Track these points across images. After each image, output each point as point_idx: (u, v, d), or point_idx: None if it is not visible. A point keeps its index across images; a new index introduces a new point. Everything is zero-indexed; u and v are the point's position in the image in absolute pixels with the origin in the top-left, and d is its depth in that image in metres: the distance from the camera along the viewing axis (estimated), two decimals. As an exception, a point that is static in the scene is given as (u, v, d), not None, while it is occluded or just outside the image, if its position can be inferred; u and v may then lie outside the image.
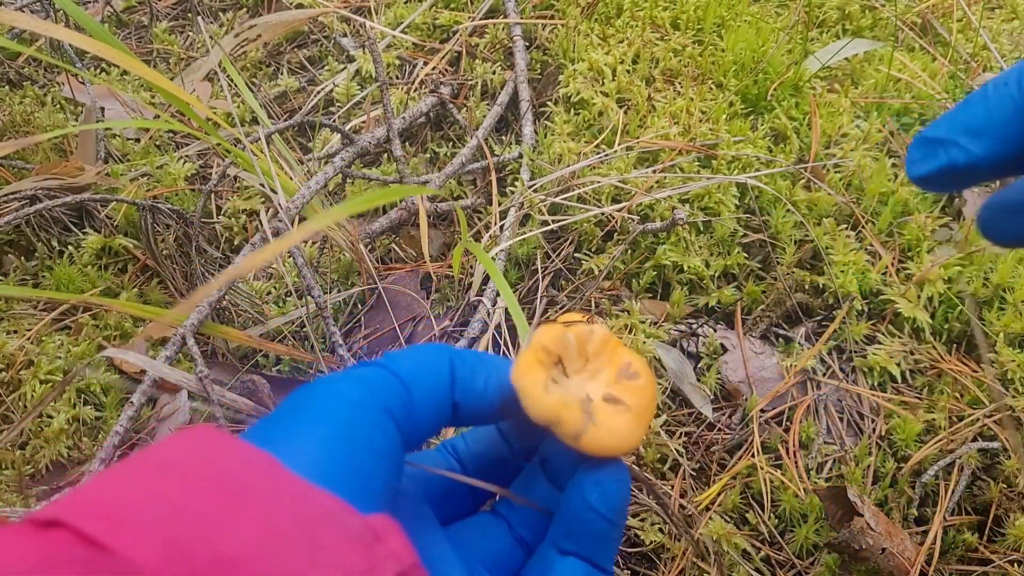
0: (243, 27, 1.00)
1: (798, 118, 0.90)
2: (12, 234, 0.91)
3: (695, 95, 0.91)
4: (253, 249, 0.80)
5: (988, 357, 0.76)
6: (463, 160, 0.90)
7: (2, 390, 0.79)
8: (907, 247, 0.83)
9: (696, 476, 0.74)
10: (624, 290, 0.84)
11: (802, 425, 0.75)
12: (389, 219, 0.86)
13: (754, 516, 0.71)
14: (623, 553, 0.70)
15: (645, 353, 0.77)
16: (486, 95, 1.01)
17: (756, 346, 0.80)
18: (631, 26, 0.99)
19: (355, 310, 0.86)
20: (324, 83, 1.06)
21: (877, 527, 0.63)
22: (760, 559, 0.69)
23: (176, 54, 1.14)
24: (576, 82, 0.93)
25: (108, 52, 0.58)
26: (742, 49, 0.94)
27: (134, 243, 0.91)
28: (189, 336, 0.73)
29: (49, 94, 1.09)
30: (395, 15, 1.08)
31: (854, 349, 0.79)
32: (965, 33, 1.01)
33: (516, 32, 0.99)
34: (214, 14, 1.20)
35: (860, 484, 0.71)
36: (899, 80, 0.92)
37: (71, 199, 0.87)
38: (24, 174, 0.94)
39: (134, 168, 0.98)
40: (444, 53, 1.04)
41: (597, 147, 0.89)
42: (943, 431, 0.73)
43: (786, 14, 1.02)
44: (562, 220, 0.84)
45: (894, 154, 0.87)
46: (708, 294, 0.82)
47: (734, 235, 0.83)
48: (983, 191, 0.86)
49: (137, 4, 1.24)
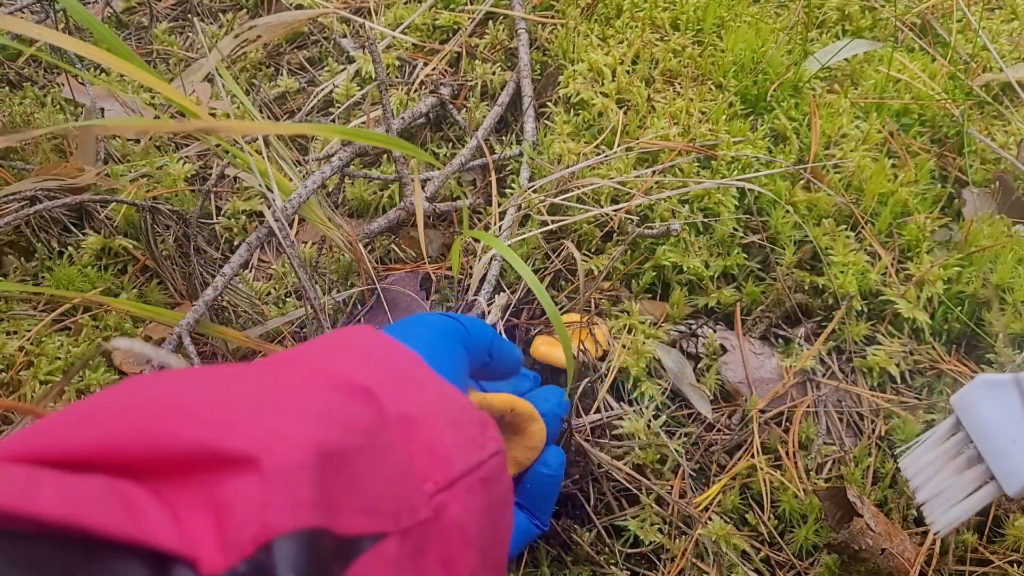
0: (243, 28, 1.00)
1: (798, 119, 0.90)
2: (12, 235, 0.91)
3: (695, 96, 0.91)
4: (249, 248, 0.80)
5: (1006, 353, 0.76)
6: (463, 160, 0.90)
7: (2, 391, 0.79)
8: (907, 247, 0.83)
9: (696, 476, 0.74)
10: (624, 290, 0.84)
11: (802, 426, 0.75)
12: (388, 219, 0.86)
13: (754, 517, 0.71)
14: (623, 553, 0.70)
15: (644, 354, 0.77)
16: (486, 96, 1.01)
17: (756, 347, 0.80)
18: (631, 27, 0.99)
19: (355, 310, 0.86)
20: (324, 84, 1.06)
21: (877, 528, 0.63)
22: (760, 560, 0.69)
23: (176, 55, 1.14)
24: (576, 83, 0.93)
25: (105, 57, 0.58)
26: (742, 50, 0.94)
27: (134, 244, 0.91)
28: (186, 335, 0.73)
29: (49, 95, 1.09)
30: (395, 16, 1.08)
31: (853, 350, 0.79)
32: (965, 34, 1.01)
33: (520, 26, 0.99)
34: (214, 15, 1.20)
35: (860, 485, 0.71)
36: (899, 81, 0.92)
37: (71, 200, 0.87)
38: (24, 175, 0.94)
39: (134, 169, 0.98)
40: (444, 54, 1.04)
41: (597, 147, 0.89)
42: (943, 432, 0.73)
43: (786, 15, 1.02)
44: (561, 220, 0.84)
45: (894, 155, 0.87)
46: (708, 295, 0.82)
47: (734, 236, 0.83)
48: (982, 191, 0.86)
49: (137, 5, 1.24)
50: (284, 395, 0.34)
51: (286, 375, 0.37)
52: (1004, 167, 0.87)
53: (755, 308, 0.82)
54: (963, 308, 0.78)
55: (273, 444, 0.31)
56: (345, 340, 0.43)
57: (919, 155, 0.88)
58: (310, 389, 0.35)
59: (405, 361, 0.42)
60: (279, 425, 0.32)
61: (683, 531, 0.71)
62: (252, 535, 0.28)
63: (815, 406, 0.76)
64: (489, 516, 0.40)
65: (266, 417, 0.32)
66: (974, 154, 0.89)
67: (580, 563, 0.70)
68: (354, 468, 0.33)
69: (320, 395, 0.35)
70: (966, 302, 0.78)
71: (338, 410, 0.35)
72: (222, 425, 0.31)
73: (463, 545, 0.37)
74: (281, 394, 0.35)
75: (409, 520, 0.35)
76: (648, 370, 0.78)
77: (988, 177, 0.87)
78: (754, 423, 0.75)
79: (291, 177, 0.81)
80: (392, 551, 0.33)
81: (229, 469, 0.30)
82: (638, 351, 0.77)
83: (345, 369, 0.39)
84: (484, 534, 0.39)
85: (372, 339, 0.44)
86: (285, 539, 0.29)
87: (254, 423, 0.32)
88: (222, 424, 0.31)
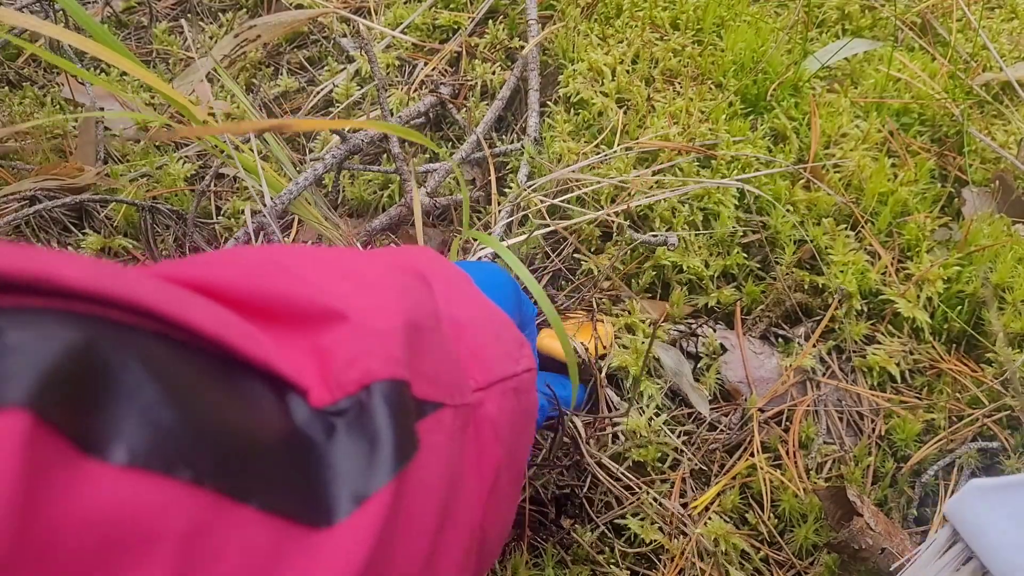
0: (242, 28, 1.00)
1: (797, 118, 0.90)
2: (12, 235, 0.91)
3: (694, 95, 0.91)
4: (236, 243, 0.80)
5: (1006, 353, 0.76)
6: (464, 154, 0.90)
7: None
8: (906, 247, 0.83)
9: (696, 476, 0.74)
10: (624, 289, 0.84)
11: (801, 425, 0.75)
12: (388, 216, 0.86)
13: (753, 516, 0.71)
14: (622, 552, 0.70)
15: (644, 353, 0.77)
16: (486, 95, 1.01)
17: (755, 346, 0.80)
18: (631, 26, 0.99)
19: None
20: (324, 84, 1.06)
21: (877, 527, 0.63)
22: (759, 559, 0.69)
23: (176, 55, 1.14)
24: (576, 82, 0.93)
25: (106, 53, 0.58)
26: (741, 49, 0.94)
27: (134, 243, 0.91)
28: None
29: (49, 95, 1.09)
30: (395, 16, 1.08)
31: (853, 349, 0.79)
32: (965, 33, 1.01)
33: (532, 15, 0.99)
34: (213, 14, 1.20)
35: (860, 484, 0.71)
36: (899, 80, 0.92)
37: (71, 200, 0.87)
38: (24, 175, 0.94)
39: (134, 169, 0.98)
40: (444, 53, 1.04)
41: (597, 147, 0.89)
42: (943, 431, 0.73)
43: (785, 14, 1.02)
44: (561, 223, 0.84)
45: (893, 154, 0.87)
46: (708, 294, 0.82)
47: (733, 235, 0.83)
48: (981, 190, 0.86)
49: (137, 5, 1.24)
50: (371, 270, 0.39)
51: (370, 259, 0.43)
52: (1004, 166, 0.87)
53: (755, 307, 0.82)
54: (963, 307, 0.78)
55: (367, 307, 0.35)
56: (408, 252, 0.48)
57: (919, 154, 0.88)
58: (392, 270, 0.40)
59: (456, 277, 0.48)
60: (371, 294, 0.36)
61: (683, 531, 0.71)
62: (356, 377, 0.32)
63: (815, 405, 0.76)
64: (517, 422, 0.45)
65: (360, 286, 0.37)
66: (974, 153, 0.89)
67: (580, 563, 0.70)
68: (425, 342, 0.37)
69: (401, 276, 0.40)
70: (966, 301, 0.78)
71: (415, 289, 0.40)
72: (321, 286, 0.35)
73: (494, 439, 0.42)
74: (369, 270, 0.39)
75: (459, 399, 0.39)
76: (648, 369, 0.78)
77: (988, 176, 0.87)
78: (754, 422, 0.75)
79: (290, 177, 0.81)
80: (448, 420, 0.37)
81: (328, 322, 0.33)
82: (637, 350, 0.77)
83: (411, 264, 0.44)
84: (512, 437, 0.44)
85: (429, 258, 0.48)
86: (383, 383, 0.32)
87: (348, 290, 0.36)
88: (321, 286, 0.35)
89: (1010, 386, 0.73)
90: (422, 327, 0.37)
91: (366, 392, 0.32)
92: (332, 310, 0.34)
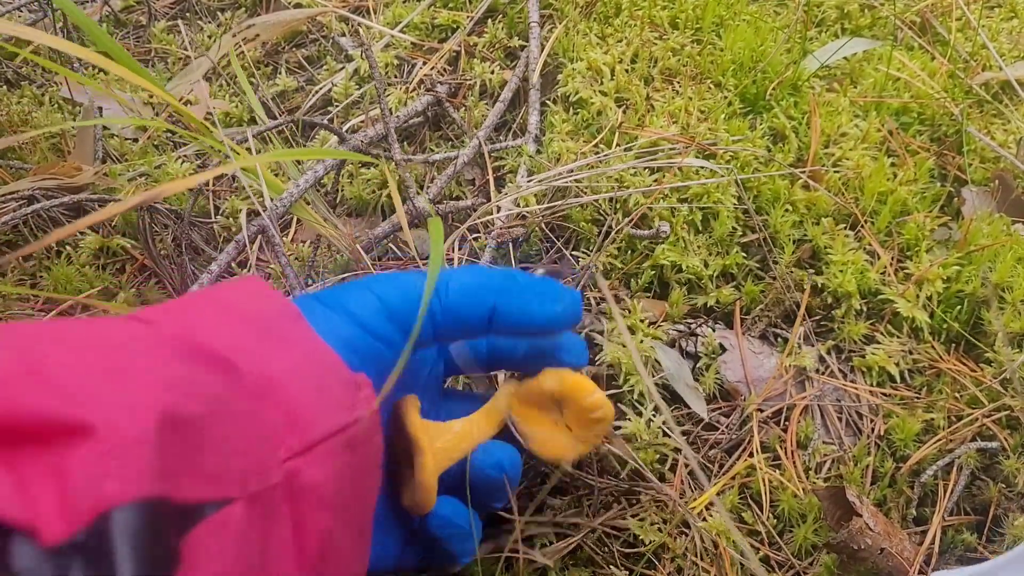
0: (241, 27, 1.00)
1: (797, 117, 0.90)
2: (10, 234, 0.91)
3: (694, 94, 0.91)
4: (237, 245, 0.80)
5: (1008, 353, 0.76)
6: (464, 160, 0.90)
7: None
8: (906, 246, 0.83)
9: (695, 476, 0.74)
10: (623, 289, 0.84)
11: (800, 425, 0.75)
12: (391, 224, 0.86)
13: (752, 516, 0.71)
14: (622, 553, 0.70)
15: (643, 353, 0.77)
16: (485, 95, 1.01)
17: (755, 346, 0.80)
18: (630, 25, 0.98)
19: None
20: (323, 83, 1.06)
21: (876, 527, 0.63)
22: (758, 559, 0.69)
23: (175, 54, 1.14)
24: (575, 81, 0.93)
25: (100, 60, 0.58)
26: (741, 48, 0.94)
27: (132, 243, 0.91)
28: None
29: (47, 94, 1.08)
30: (394, 15, 1.08)
31: (852, 349, 0.79)
32: (964, 32, 1.00)
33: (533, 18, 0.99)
34: (212, 13, 1.20)
35: (859, 484, 0.71)
36: (898, 79, 0.92)
37: (69, 199, 0.86)
38: (22, 174, 0.94)
39: (132, 168, 0.98)
40: (443, 53, 1.04)
41: (596, 146, 0.89)
42: (942, 431, 0.73)
43: (785, 13, 1.02)
44: (561, 225, 0.84)
45: (893, 153, 0.87)
46: (707, 294, 0.82)
47: (733, 235, 0.83)
48: (981, 189, 0.86)
49: (135, 3, 1.24)
50: (135, 362, 0.35)
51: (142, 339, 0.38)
52: (1004, 166, 0.87)
53: (754, 307, 0.82)
54: (962, 307, 0.78)
55: (115, 412, 0.31)
56: (222, 298, 0.43)
57: (918, 154, 0.88)
58: (161, 357, 0.36)
59: (279, 320, 0.42)
60: (125, 392, 0.33)
61: (683, 531, 0.71)
62: (91, 504, 0.29)
63: (814, 403, 0.76)
64: (354, 477, 0.41)
65: (114, 383, 0.33)
66: (973, 153, 0.89)
67: (580, 563, 0.70)
68: (199, 436, 0.34)
69: (169, 363, 0.36)
70: (965, 301, 0.78)
71: (186, 378, 0.36)
72: (69, 392, 0.32)
73: (316, 507, 0.39)
74: (133, 360, 0.35)
75: (258, 485, 0.36)
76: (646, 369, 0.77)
77: (987, 176, 0.87)
78: (753, 422, 0.75)
79: (290, 177, 0.81)
80: (236, 516, 0.34)
81: (73, 437, 0.30)
82: (637, 350, 0.77)
83: (207, 334, 0.39)
84: (343, 496, 0.40)
85: (251, 295, 0.43)
86: (122, 509, 0.29)
87: (100, 390, 0.32)
88: (69, 391, 0.32)
89: (1010, 386, 0.73)
90: (194, 419, 0.34)
91: (103, 519, 0.29)
92: (78, 423, 0.30)
